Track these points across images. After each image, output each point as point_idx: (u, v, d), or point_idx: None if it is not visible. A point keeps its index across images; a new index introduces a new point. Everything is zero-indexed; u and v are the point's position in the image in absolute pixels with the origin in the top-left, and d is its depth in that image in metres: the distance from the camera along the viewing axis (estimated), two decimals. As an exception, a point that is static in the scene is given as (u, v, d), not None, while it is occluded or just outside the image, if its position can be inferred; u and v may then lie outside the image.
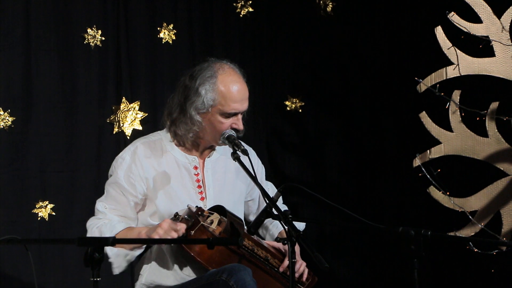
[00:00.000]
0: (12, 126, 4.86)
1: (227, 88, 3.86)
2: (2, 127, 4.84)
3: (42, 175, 4.93)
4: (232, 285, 3.60)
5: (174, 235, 3.65)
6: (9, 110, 4.85)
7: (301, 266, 3.98)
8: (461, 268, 5.72)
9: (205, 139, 3.93)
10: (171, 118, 3.95)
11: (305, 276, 3.98)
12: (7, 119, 4.85)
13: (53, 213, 4.93)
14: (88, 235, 3.86)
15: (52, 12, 5.00)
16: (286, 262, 3.94)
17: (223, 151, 4.01)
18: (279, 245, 3.99)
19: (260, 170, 4.18)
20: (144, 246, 3.91)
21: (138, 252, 3.87)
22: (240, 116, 3.90)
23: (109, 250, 3.77)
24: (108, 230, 3.82)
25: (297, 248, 3.73)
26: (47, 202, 4.92)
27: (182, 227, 3.67)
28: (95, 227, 3.86)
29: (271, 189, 4.23)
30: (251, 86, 3.97)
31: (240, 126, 3.89)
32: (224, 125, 3.86)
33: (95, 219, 3.90)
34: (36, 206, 4.90)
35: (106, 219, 3.88)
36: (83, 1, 5.09)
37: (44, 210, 4.92)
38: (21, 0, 4.91)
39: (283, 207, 4.18)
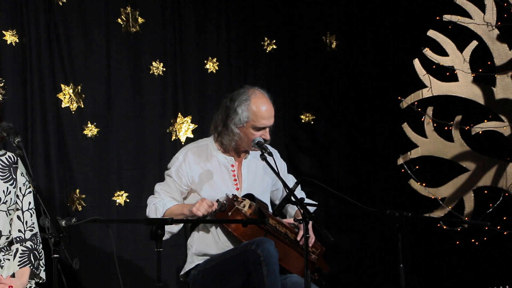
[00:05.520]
0: (97, 135, 4.91)
1: (258, 108, 3.87)
2: (90, 136, 4.88)
3: (119, 172, 4.94)
4: (259, 254, 3.62)
5: (204, 210, 3.70)
6: (95, 123, 4.90)
7: (312, 239, 4.01)
8: (433, 241, 5.70)
9: (242, 146, 3.96)
10: (217, 131, 3.96)
11: (311, 244, 3.98)
12: (94, 130, 4.91)
13: (128, 200, 4.97)
14: (147, 210, 3.93)
15: (126, 50, 5.04)
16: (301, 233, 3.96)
17: (255, 155, 4.01)
18: (296, 223, 3.99)
19: (282, 167, 4.16)
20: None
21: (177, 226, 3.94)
22: (267, 130, 3.92)
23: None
24: (161, 206, 3.88)
25: (309, 225, 3.75)
26: (123, 192, 4.96)
27: (215, 205, 3.75)
28: (152, 204, 3.92)
29: (292, 180, 4.19)
30: (274, 104, 3.97)
31: (267, 137, 3.91)
32: (255, 136, 3.89)
33: (152, 197, 3.97)
34: (115, 195, 4.95)
35: (160, 198, 3.93)
36: (149, 41, 5.11)
37: (121, 198, 4.95)
38: (103, 40, 4.95)
39: (301, 194, 4.19)
